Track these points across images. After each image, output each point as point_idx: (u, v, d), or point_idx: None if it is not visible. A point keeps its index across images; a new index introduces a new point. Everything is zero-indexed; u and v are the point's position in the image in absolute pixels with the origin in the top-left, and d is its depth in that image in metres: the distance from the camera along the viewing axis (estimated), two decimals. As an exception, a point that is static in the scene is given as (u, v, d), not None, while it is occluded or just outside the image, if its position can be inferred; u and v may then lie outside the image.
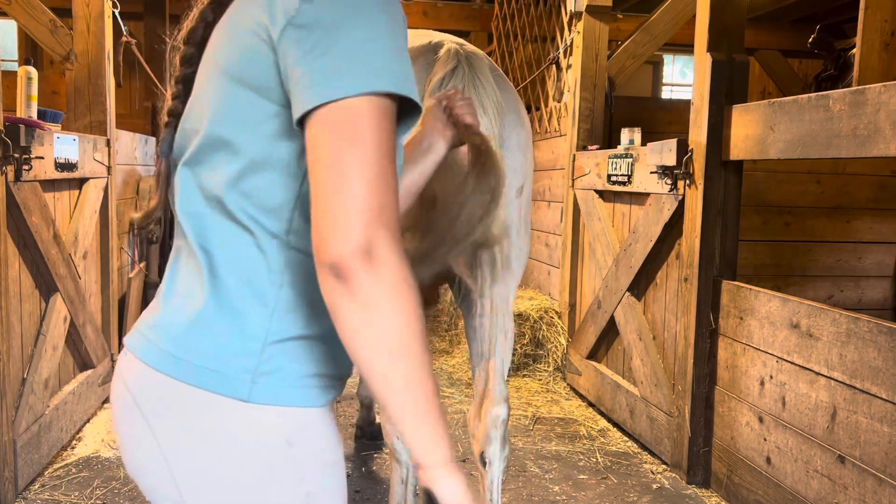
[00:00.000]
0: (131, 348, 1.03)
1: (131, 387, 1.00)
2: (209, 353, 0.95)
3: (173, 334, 0.97)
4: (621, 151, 3.86)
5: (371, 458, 3.38)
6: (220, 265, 0.96)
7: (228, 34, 0.99)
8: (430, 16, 7.57)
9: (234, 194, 0.96)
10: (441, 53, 2.06)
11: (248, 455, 0.95)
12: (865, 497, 2.27)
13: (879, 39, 3.02)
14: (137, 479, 1.04)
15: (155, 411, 0.97)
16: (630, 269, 3.74)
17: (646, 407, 3.59)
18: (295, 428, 0.96)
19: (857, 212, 3.97)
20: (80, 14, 3.85)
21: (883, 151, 2.22)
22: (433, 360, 5.02)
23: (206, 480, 0.96)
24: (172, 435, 0.96)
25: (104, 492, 2.96)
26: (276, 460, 0.95)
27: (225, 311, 0.95)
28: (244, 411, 0.94)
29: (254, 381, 0.94)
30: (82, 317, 3.52)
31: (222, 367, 0.94)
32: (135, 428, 0.99)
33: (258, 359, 0.95)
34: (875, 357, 2.24)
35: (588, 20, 4.51)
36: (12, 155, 2.73)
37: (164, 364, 0.96)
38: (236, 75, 0.96)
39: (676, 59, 10.10)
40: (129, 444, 1.02)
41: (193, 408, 0.95)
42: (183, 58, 1.08)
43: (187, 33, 1.08)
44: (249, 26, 0.95)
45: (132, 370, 1.01)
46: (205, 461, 0.95)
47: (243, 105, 0.95)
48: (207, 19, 1.06)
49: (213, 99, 0.98)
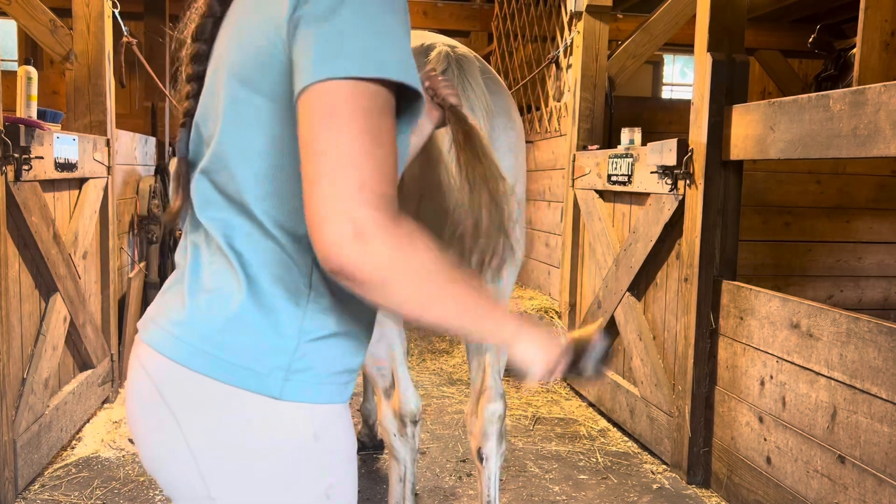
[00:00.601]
0: (155, 345, 1.01)
1: (157, 382, 1.00)
2: (245, 351, 0.96)
3: (206, 331, 0.97)
4: (621, 151, 3.86)
5: (371, 458, 3.39)
6: (252, 265, 0.97)
7: (240, 34, 0.99)
8: (430, 16, 7.57)
9: (255, 199, 0.97)
10: (432, 56, 2.08)
11: (276, 450, 0.97)
12: (865, 497, 2.27)
13: (879, 39, 3.03)
14: (157, 473, 1.04)
15: (184, 407, 0.98)
16: (630, 269, 3.74)
17: (646, 407, 3.59)
18: (322, 423, 0.99)
19: (857, 212, 3.97)
20: (80, 14, 3.85)
21: (883, 151, 2.22)
22: (433, 359, 5.02)
23: (235, 474, 0.97)
24: (201, 430, 0.97)
25: (104, 492, 2.96)
26: (304, 454, 0.98)
27: (262, 310, 0.96)
28: (275, 408, 0.96)
29: (286, 379, 0.96)
30: (82, 317, 3.52)
31: (256, 365, 0.96)
32: (160, 423, 1.00)
33: (291, 357, 0.97)
34: (875, 357, 2.24)
35: (588, 20, 4.51)
36: (12, 155, 2.73)
37: (195, 361, 0.97)
38: (249, 81, 0.96)
39: (676, 59, 10.10)
40: (152, 438, 1.02)
41: (224, 404, 0.96)
42: (194, 55, 1.06)
43: (197, 29, 1.06)
44: (262, 27, 0.94)
45: (157, 366, 1.00)
46: (234, 455, 0.97)
47: (257, 111, 0.96)
48: (216, 14, 1.05)
49: (226, 104, 0.98)
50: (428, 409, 4.07)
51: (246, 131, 0.97)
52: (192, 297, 1.00)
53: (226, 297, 0.97)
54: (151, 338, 1.03)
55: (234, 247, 0.98)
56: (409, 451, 2.29)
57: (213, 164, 1.00)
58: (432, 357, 5.10)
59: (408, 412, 2.26)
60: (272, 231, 0.97)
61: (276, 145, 0.96)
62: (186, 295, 1.01)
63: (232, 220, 0.98)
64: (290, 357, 0.96)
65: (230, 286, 0.98)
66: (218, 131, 0.99)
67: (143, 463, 1.07)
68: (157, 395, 1.00)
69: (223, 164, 0.99)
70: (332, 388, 1.00)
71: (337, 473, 1.02)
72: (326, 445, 1.00)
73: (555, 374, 1.04)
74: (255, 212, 0.97)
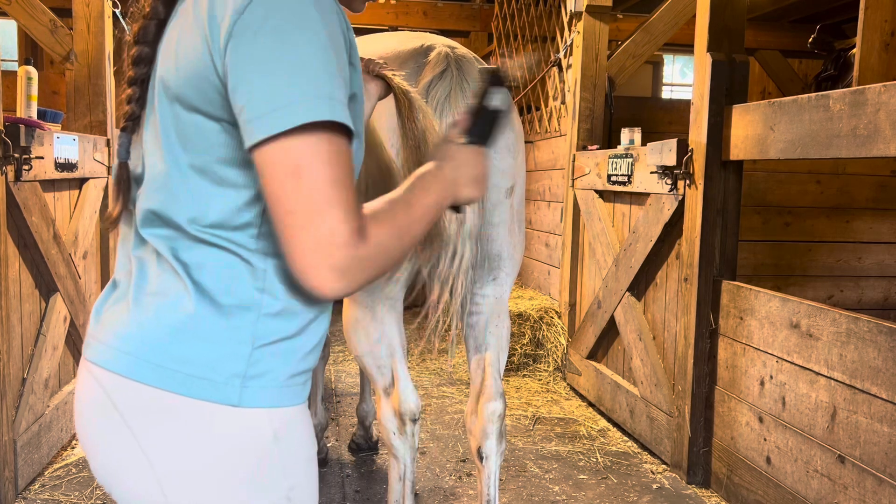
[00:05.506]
0: (102, 363, 0.99)
1: (111, 397, 0.98)
2: (197, 361, 0.95)
3: (154, 343, 0.96)
4: (621, 151, 3.86)
5: (370, 458, 3.38)
6: (200, 274, 0.97)
7: (177, 50, 0.97)
8: (430, 16, 7.57)
9: (202, 215, 0.96)
10: (431, 57, 2.09)
11: (236, 455, 0.97)
12: (865, 497, 2.27)
13: (879, 39, 3.02)
14: (111, 486, 1.02)
15: (138, 419, 0.96)
16: (630, 269, 3.74)
17: (646, 407, 3.59)
18: (281, 425, 0.99)
19: (857, 212, 3.97)
20: (80, 14, 3.85)
21: (883, 151, 2.22)
22: (433, 359, 5.02)
23: (194, 482, 0.97)
24: (158, 441, 0.96)
25: (104, 492, 2.96)
26: (264, 458, 0.98)
27: (213, 317, 0.96)
28: (234, 415, 0.96)
29: (243, 386, 0.96)
30: (82, 317, 3.52)
31: (212, 375, 0.95)
32: (115, 436, 0.98)
33: (247, 363, 0.96)
34: (875, 357, 2.24)
35: (588, 20, 4.51)
36: (12, 155, 2.73)
37: (147, 375, 0.95)
38: (183, 97, 0.95)
39: (676, 59, 10.11)
40: (106, 451, 1.00)
41: (181, 414, 0.95)
42: (136, 58, 1.03)
43: (139, 31, 1.03)
44: (198, 49, 0.94)
45: (108, 381, 0.98)
46: (193, 464, 0.96)
47: (197, 130, 0.96)
48: (159, 16, 1.03)
49: (163, 120, 0.98)
50: (428, 409, 4.07)
51: (185, 148, 0.96)
52: (137, 306, 0.99)
53: (173, 305, 0.96)
54: (99, 356, 1.00)
55: (181, 258, 0.97)
56: (409, 449, 2.29)
57: (155, 180, 0.99)
58: (432, 357, 5.10)
59: (407, 410, 2.26)
60: (221, 243, 0.97)
61: (213, 163, 0.96)
62: (132, 305, 0.99)
63: (177, 234, 0.98)
64: (246, 363, 0.96)
65: (178, 294, 0.96)
66: (157, 147, 0.99)
67: (96, 476, 1.05)
68: (111, 409, 0.98)
69: (163, 182, 0.98)
70: (289, 390, 1.00)
71: (297, 475, 1.02)
72: (286, 447, 1.00)
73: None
74: (202, 226, 0.96)
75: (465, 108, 1.17)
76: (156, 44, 1.02)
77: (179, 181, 0.97)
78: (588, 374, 4.28)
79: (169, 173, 0.97)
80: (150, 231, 1.00)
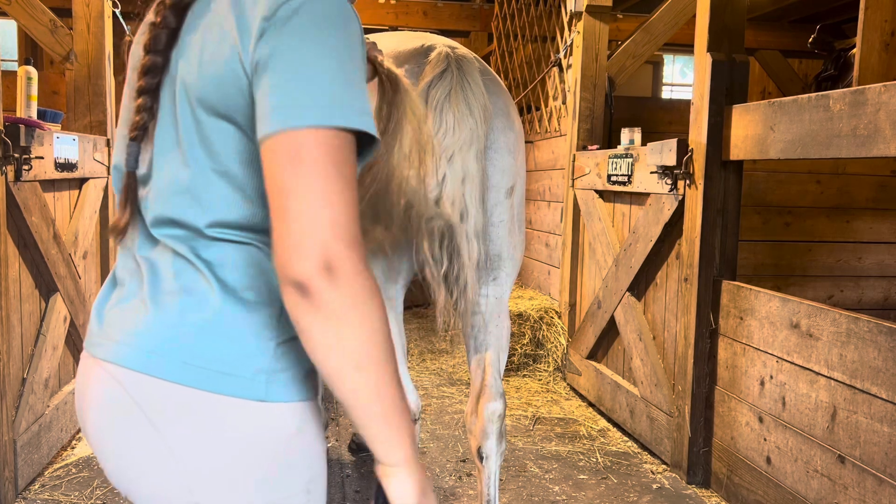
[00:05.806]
0: (120, 360, 0.98)
1: (132, 395, 0.97)
2: (224, 358, 0.95)
3: (180, 340, 0.96)
4: (621, 151, 3.86)
5: (370, 458, 3.37)
6: (224, 272, 0.97)
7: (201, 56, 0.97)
8: (430, 16, 7.57)
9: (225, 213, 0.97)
10: (432, 56, 2.09)
11: (263, 449, 0.98)
12: (865, 497, 2.27)
13: (879, 39, 3.03)
14: (130, 487, 1.01)
15: (164, 417, 0.96)
16: (630, 269, 3.74)
17: (646, 407, 3.59)
18: (303, 418, 1.01)
19: (857, 212, 3.97)
20: (80, 14, 3.85)
21: (883, 151, 2.22)
22: (433, 359, 5.02)
23: (222, 477, 0.97)
24: (186, 439, 0.96)
25: (104, 492, 2.96)
26: (290, 450, 1.00)
27: (237, 314, 0.97)
28: (261, 410, 0.97)
29: (269, 381, 0.97)
30: (82, 317, 3.52)
31: (238, 371, 0.96)
32: (137, 435, 0.98)
33: (272, 358, 0.97)
34: (875, 357, 2.24)
35: (588, 20, 4.51)
36: (12, 155, 2.73)
37: (173, 372, 0.95)
38: (209, 104, 0.96)
39: (676, 59, 10.11)
40: (127, 451, 0.99)
41: (209, 412, 0.95)
42: (148, 67, 1.02)
43: (151, 40, 1.02)
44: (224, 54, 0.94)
45: (128, 379, 0.97)
46: (221, 459, 0.97)
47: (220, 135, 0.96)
48: (171, 26, 1.02)
49: (184, 126, 0.98)
50: (428, 409, 4.07)
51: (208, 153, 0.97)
52: (156, 305, 0.98)
53: (199, 303, 0.96)
54: (117, 355, 0.99)
55: (202, 256, 0.98)
56: None
57: (174, 184, 0.99)
58: (432, 357, 5.10)
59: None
60: (243, 238, 0.98)
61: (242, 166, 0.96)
62: (150, 305, 0.98)
63: (194, 238, 0.98)
64: (271, 358, 0.97)
65: (203, 292, 0.97)
66: (177, 153, 0.99)
67: (110, 478, 1.04)
68: (132, 408, 0.97)
69: (186, 187, 0.98)
70: (309, 383, 1.02)
71: (315, 468, 1.04)
72: (307, 440, 1.01)
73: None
74: (223, 228, 0.97)
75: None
76: (167, 52, 1.02)
77: (204, 186, 0.97)
78: (588, 374, 4.28)
79: (192, 178, 0.98)
80: (164, 231, 1.00)
